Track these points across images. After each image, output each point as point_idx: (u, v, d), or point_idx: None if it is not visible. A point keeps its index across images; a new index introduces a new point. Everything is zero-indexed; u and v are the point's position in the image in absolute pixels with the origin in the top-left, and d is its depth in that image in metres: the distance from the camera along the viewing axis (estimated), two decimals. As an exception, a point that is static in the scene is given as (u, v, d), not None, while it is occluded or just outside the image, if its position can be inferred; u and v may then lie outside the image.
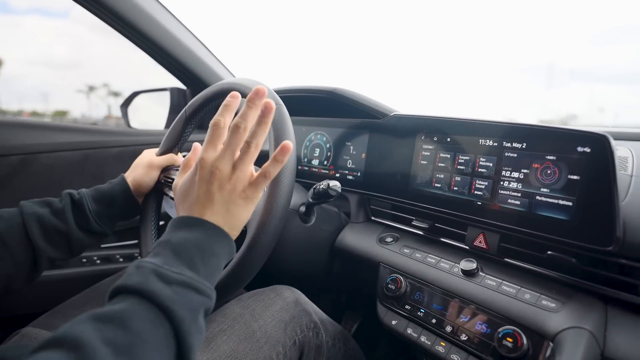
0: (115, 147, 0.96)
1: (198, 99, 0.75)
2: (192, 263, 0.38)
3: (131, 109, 1.31)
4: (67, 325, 0.29)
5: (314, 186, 0.71)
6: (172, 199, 0.74)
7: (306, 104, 0.95)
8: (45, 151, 0.84)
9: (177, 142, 0.79)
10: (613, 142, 0.51)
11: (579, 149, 0.54)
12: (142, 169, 0.74)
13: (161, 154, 0.78)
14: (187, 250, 0.38)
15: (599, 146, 0.52)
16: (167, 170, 0.77)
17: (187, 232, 0.40)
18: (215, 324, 0.62)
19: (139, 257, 0.75)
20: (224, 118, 0.45)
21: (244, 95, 0.69)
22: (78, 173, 0.90)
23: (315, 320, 0.68)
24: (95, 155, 0.93)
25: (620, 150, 0.67)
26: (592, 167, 0.52)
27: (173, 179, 0.74)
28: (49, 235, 0.62)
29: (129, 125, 1.28)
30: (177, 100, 1.22)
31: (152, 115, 1.35)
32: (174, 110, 1.23)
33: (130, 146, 1.00)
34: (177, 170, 0.76)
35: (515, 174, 0.60)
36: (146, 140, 1.03)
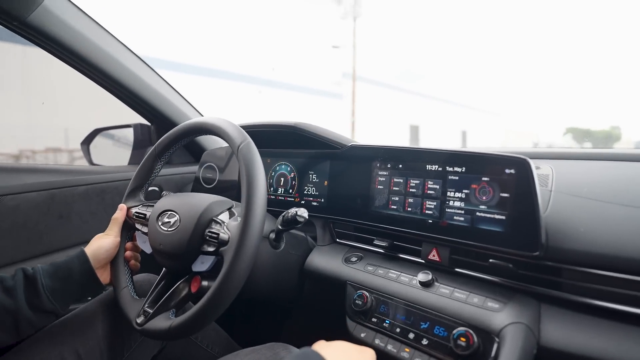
0: (82, 186, 0.97)
1: (167, 137, 0.79)
2: None
3: (92, 146, 1.32)
4: None
5: (283, 214, 0.76)
6: (145, 234, 0.76)
7: (270, 137, 1.02)
8: (10, 193, 0.84)
9: (147, 178, 0.81)
10: (532, 164, 0.61)
11: (507, 170, 0.64)
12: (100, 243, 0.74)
13: (132, 190, 0.80)
14: None
15: (521, 168, 0.62)
16: (135, 205, 0.79)
17: None
18: None
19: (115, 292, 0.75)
20: None
21: (212, 133, 0.74)
22: (44, 213, 0.90)
23: None
24: (62, 194, 0.93)
25: (543, 168, 0.78)
26: (517, 186, 0.63)
27: (145, 214, 0.77)
28: None
29: (91, 163, 1.28)
30: (142, 136, 1.25)
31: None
32: (137, 146, 1.25)
33: (96, 184, 1.01)
34: (150, 205, 0.78)
35: (458, 194, 0.70)
36: (112, 178, 1.04)
